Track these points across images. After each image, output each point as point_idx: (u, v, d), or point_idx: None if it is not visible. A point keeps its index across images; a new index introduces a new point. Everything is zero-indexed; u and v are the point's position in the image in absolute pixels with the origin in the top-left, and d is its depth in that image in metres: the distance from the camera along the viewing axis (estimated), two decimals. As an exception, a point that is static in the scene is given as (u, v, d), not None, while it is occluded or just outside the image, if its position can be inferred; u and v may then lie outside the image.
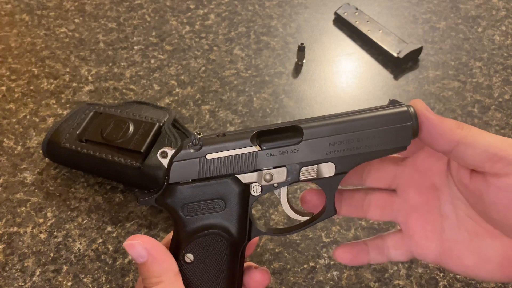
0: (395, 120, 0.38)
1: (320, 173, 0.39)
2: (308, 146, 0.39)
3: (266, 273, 0.44)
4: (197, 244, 0.40)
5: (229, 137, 0.40)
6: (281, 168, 0.39)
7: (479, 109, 0.75)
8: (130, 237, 0.38)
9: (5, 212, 0.64)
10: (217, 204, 0.40)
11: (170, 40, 0.88)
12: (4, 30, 0.90)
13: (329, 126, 0.39)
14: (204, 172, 0.39)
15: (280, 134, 0.40)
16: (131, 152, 0.63)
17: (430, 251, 0.42)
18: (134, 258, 0.38)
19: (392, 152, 0.39)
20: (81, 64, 0.84)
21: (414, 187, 0.43)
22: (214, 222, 0.40)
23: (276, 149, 0.39)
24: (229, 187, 0.39)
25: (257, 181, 0.40)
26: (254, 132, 0.39)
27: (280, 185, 0.40)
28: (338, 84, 0.80)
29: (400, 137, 0.38)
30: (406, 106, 0.39)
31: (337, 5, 0.91)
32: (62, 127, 0.67)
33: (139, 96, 0.78)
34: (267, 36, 0.88)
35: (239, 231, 0.40)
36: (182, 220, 0.40)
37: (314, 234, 0.61)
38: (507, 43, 0.86)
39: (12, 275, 0.59)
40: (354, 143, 0.39)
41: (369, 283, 0.57)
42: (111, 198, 0.66)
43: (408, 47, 0.81)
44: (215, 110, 0.76)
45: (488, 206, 0.37)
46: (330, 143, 0.39)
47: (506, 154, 0.36)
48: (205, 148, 0.39)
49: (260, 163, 0.39)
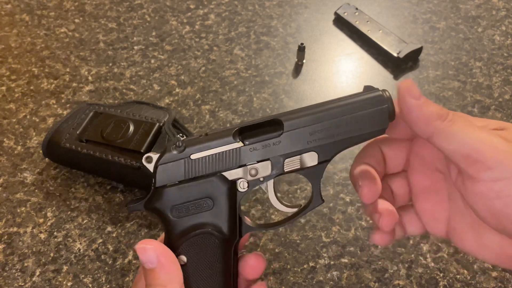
0: (370, 104, 0.39)
1: (304, 163, 0.40)
2: (289, 137, 0.39)
3: (261, 257, 0.43)
4: (189, 245, 0.40)
5: (212, 136, 0.40)
6: (265, 161, 0.40)
7: (479, 109, 0.75)
8: (143, 241, 0.38)
9: (5, 212, 0.64)
10: (205, 203, 0.40)
11: (170, 40, 0.88)
12: (4, 30, 0.90)
13: (308, 116, 0.39)
14: (189, 173, 0.40)
15: (262, 128, 0.40)
16: (131, 152, 0.63)
17: (439, 230, 0.42)
18: (143, 262, 0.38)
19: (372, 136, 0.40)
20: (81, 64, 0.84)
21: (419, 171, 0.42)
22: (204, 221, 0.40)
23: (259, 143, 0.40)
24: (215, 185, 0.40)
25: (243, 176, 0.40)
26: (236, 129, 0.40)
27: (266, 178, 0.40)
28: (338, 84, 0.80)
29: (377, 120, 0.39)
30: (381, 90, 0.40)
31: (337, 5, 0.91)
32: (62, 127, 0.67)
33: (139, 96, 0.78)
34: (267, 36, 0.88)
35: (229, 228, 0.40)
36: (172, 223, 0.40)
37: (314, 234, 0.61)
38: (507, 43, 0.86)
39: (12, 275, 0.59)
40: (333, 130, 0.39)
41: (369, 283, 0.57)
42: (111, 198, 0.66)
43: (408, 47, 0.81)
44: (215, 110, 0.76)
45: (471, 206, 0.36)
46: (310, 132, 0.39)
47: (483, 157, 0.32)
48: (189, 149, 0.40)
49: (244, 159, 0.40)
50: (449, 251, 0.60)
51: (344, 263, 0.59)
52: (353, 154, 0.68)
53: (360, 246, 0.60)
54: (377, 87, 0.40)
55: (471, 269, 0.58)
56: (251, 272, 0.43)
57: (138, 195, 0.66)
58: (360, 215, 0.63)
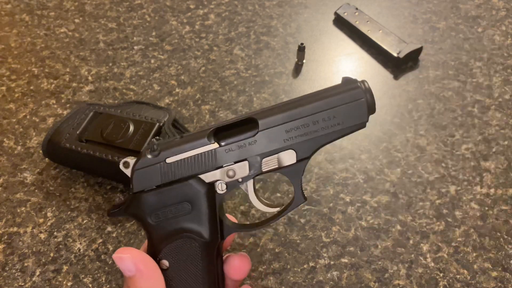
0: (347, 98, 0.38)
1: (282, 162, 0.39)
2: (265, 136, 0.38)
3: (245, 257, 0.42)
4: (169, 249, 0.39)
5: (186, 138, 0.39)
6: (242, 162, 0.39)
7: (479, 109, 0.75)
8: (120, 250, 0.38)
9: (5, 212, 0.64)
10: (183, 208, 0.39)
11: (170, 40, 0.88)
12: (4, 30, 0.90)
13: (283, 113, 0.38)
14: (166, 177, 0.39)
15: (237, 128, 0.39)
16: (131, 152, 0.63)
17: None
18: (122, 271, 0.38)
19: (352, 130, 0.39)
20: (81, 64, 0.84)
21: None
22: (184, 226, 0.39)
23: (234, 144, 0.39)
24: (193, 188, 0.39)
25: (220, 178, 0.39)
26: (211, 130, 0.39)
27: (244, 179, 0.40)
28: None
29: (356, 114, 0.38)
30: (359, 82, 0.38)
31: (337, 5, 0.91)
32: (62, 127, 0.67)
33: (139, 96, 0.78)
34: (267, 36, 0.88)
35: (210, 232, 0.39)
36: (152, 228, 0.39)
37: (314, 234, 0.62)
38: (507, 43, 0.86)
39: (12, 275, 0.59)
40: (311, 126, 0.38)
41: (369, 283, 0.57)
42: (111, 198, 0.66)
43: (408, 47, 0.81)
44: (215, 110, 0.76)
45: None
46: (286, 130, 0.38)
47: None
48: (164, 152, 0.39)
49: (221, 160, 0.39)
50: (449, 251, 0.60)
51: (344, 263, 0.59)
52: (354, 154, 0.69)
53: (360, 246, 0.60)
54: (355, 78, 0.39)
55: (471, 269, 0.58)
56: (236, 273, 0.42)
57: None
58: (360, 215, 0.63)
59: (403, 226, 0.62)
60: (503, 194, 0.65)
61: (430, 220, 0.63)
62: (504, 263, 0.59)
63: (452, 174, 0.67)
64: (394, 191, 0.66)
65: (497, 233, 0.61)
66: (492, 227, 0.62)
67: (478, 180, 0.67)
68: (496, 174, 0.67)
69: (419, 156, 0.69)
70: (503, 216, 0.63)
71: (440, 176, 0.67)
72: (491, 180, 0.67)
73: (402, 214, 0.63)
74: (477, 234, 0.61)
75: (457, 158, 0.69)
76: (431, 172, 0.67)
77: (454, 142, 0.71)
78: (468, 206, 0.64)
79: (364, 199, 0.65)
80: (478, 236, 0.61)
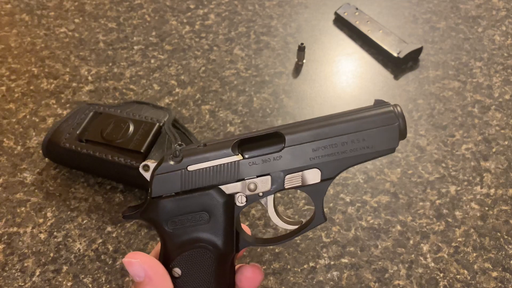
0: (380, 121, 0.37)
1: (306, 180, 0.38)
2: (291, 152, 0.38)
3: (258, 269, 0.42)
4: (183, 258, 0.39)
5: (210, 147, 0.39)
6: (265, 176, 0.38)
7: (479, 109, 0.75)
8: (130, 254, 0.38)
9: (5, 212, 0.64)
10: (201, 217, 0.38)
11: (170, 40, 0.88)
12: (4, 30, 0.90)
13: (311, 131, 0.37)
14: (186, 185, 0.38)
15: (262, 141, 0.39)
16: (131, 152, 0.63)
17: None
18: (131, 275, 0.37)
19: (380, 155, 0.38)
20: (81, 64, 0.84)
21: None
22: (200, 236, 0.39)
23: (259, 157, 0.38)
24: (212, 198, 0.38)
25: (241, 191, 0.39)
26: (235, 141, 0.38)
27: (265, 194, 0.39)
28: (338, 84, 0.80)
29: (386, 138, 0.37)
30: (392, 106, 0.37)
31: (337, 5, 0.91)
32: (62, 127, 0.67)
33: (139, 96, 0.78)
34: (267, 36, 0.88)
35: (225, 244, 0.39)
36: (168, 235, 0.39)
37: (314, 234, 0.61)
38: (507, 43, 0.86)
39: (12, 275, 0.59)
40: (339, 147, 0.37)
41: (369, 283, 0.57)
42: (111, 198, 0.66)
43: (408, 47, 0.81)
44: (215, 110, 0.76)
45: None
46: (313, 148, 0.37)
47: None
48: (186, 159, 0.38)
49: (243, 173, 0.38)
50: (449, 251, 0.60)
51: (344, 263, 0.59)
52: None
53: (360, 246, 0.60)
54: (388, 102, 0.38)
55: (471, 269, 0.58)
56: (248, 284, 0.42)
57: (138, 195, 0.66)
58: (360, 215, 0.63)
59: (403, 226, 0.62)
60: (503, 194, 0.65)
61: (430, 220, 0.63)
62: (504, 263, 0.59)
63: (452, 174, 0.67)
64: (394, 191, 0.66)
65: (497, 233, 0.61)
66: (492, 227, 0.62)
67: (478, 180, 0.67)
68: (496, 174, 0.67)
69: (419, 156, 0.69)
70: (503, 216, 0.63)
71: (440, 176, 0.67)
72: (491, 180, 0.67)
73: (402, 214, 0.63)
74: (477, 234, 0.61)
75: (457, 158, 0.69)
76: (431, 172, 0.67)
77: (454, 142, 0.71)
78: (468, 206, 0.64)
79: (364, 199, 0.65)
80: (478, 236, 0.61)
